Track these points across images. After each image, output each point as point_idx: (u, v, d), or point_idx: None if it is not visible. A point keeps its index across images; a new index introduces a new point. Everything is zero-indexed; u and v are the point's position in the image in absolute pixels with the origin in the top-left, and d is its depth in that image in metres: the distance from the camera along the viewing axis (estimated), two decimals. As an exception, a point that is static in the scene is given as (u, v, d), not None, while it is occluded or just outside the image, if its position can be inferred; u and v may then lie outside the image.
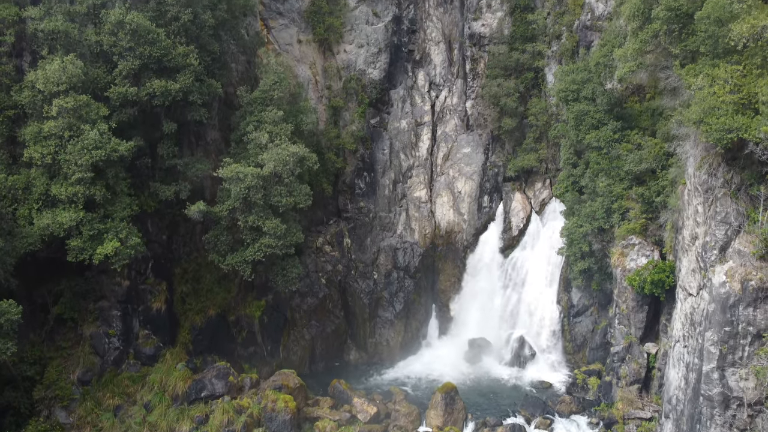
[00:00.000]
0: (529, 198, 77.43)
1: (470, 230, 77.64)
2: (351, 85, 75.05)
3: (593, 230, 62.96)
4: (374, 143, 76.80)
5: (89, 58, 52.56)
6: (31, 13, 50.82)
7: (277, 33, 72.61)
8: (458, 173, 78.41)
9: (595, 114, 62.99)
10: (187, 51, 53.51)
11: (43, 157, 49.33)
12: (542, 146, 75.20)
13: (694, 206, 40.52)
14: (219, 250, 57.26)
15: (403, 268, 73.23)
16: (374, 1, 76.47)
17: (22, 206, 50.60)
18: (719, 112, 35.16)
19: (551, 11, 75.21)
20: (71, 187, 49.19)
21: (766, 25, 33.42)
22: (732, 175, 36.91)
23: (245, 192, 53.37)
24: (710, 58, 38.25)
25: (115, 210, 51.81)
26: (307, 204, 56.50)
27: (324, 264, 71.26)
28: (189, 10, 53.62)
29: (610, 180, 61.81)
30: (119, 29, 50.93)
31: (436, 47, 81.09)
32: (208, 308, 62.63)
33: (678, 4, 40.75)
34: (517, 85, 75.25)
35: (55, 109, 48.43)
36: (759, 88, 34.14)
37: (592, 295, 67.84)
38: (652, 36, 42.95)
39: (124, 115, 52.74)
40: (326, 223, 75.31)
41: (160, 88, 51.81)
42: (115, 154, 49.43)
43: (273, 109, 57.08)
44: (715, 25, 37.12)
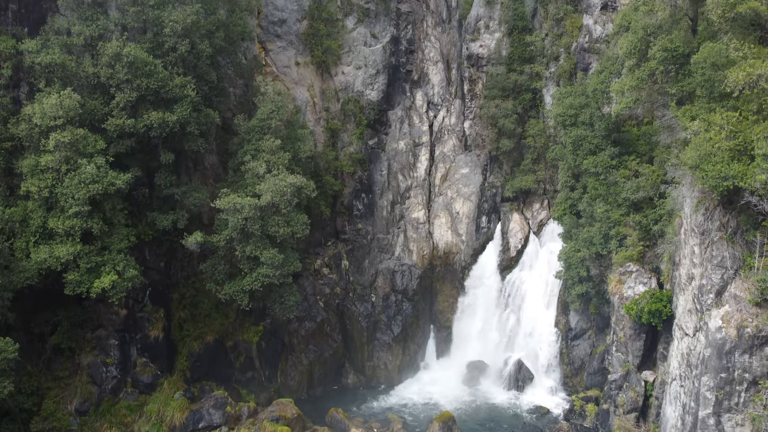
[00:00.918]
0: (527, 218, 77.47)
1: (468, 251, 77.63)
2: (349, 107, 75.06)
3: (591, 255, 62.99)
4: (372, 164, 76.80)
5: (86, 90, 52.51)
6: (28, 46, 50.77)
7: (274, 55, 72.59)
8: (456, 194, 78.40)
9: (592, 139, 63.05)
10: (184, 82, 53.48)
11: (40, 191, 49.30)
12: (540, 167, 75.27)
13: (690, 246, 40.55)
14: (216, 279, 57.25)
15: (401, 291, 73.25)
16: (372, 23, 76.47)
17: (20, 239, 50.54)
18: (715, 158, 35.18)
19: (549, 33, 75.27)
20: (68, 220, 49.16)
21: (761, 74, 33.43)
22: (728, 219, 36.94)
23: (242, 223, 53.37)
24: (706, 101, 38.27)
25: (113, 242, 51.80)
26: (304, 233, 56.52)
27: (322, 287, 71.28)
28: (186, 40, 53.59)
29: (607, 206, 61.87)
30: (116, 61, 50.90)
31: (434, 67, 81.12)
32: (206, 334, 62.63)
33: (674, 46, 40.79)
34: (515, 106, 75.28)
35: (52, 143, 48.42)
36: (755, 135, 34.15)
37: (590, 319, 67.88)
38: (649, 74, 42.98)
39: (121, 146, 52.72)
40: (324, 245, 75.33)
41: (158, 120, 51.80)
42: (112, 188, 49.43)
43: (270, 138, 57.06)
44: (711, 70, 37.14)
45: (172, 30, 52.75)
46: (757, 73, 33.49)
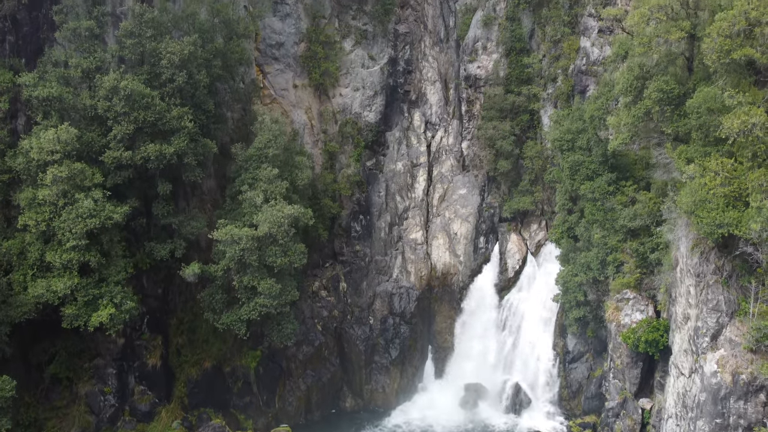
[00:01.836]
0: (524, 239, 77.54)
1: (466, 272, 77.71)
2: (347, 129, 75.16)
3: (588, 280, 63.08)
4: (370, 186, 76.88)
5: (84, 122, 52.65)
6: (25, 79, 50.90)
7: (272, 78, 72.63)
8: (454, 214, 78.48)
9: (589, 164, 63.06)
10: (181, 113, 53.59)
11: (38, 224, 49.42)
12: (538, 189, 75.34)
13: (686, 286, 40.71)
14: (214, 309, 57.37)
15: (398, 314, 73.33)
16: (370, 44, 76.54)
17: (17, 272, 50.71)
18: (710, 205, 35.31)
19: (546, 54, 75.31)
20: (66, 254, 49.31)
21: (756, 122, 33.55)
22: (723, 262, 37.08)
23: (240, 254, 53.46)
24: (702, 144, 38.39)
25: (110, 273, 51.93)
26: (302, 263, 56.67)
27: (320, 310, 71.37)
28: (184, 72, 53.70)
29: (604, 232, 61.87)
30: (114, 94, 51.02)
31: (432, 87, 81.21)
32: (203, 360, 62.77)
33: (669, 87, 40.92)
34: (512, 127, 75.31)
35: (50, 178, 48.54)
36: (750, 182, 34.27)
37: (588, 342, 67.97)
38: (645, 113, 43.08)
39: (119, 177, 52.83)
40: (322, 266, 75.40)
41: (155, 152, 51.91)
42: (109, 222, 49.56)
43: (268, 167, 57.17)
44: (707, 114, 37.27)
45: (169, 61, 52.86)
46: (752, 121, 33.62)
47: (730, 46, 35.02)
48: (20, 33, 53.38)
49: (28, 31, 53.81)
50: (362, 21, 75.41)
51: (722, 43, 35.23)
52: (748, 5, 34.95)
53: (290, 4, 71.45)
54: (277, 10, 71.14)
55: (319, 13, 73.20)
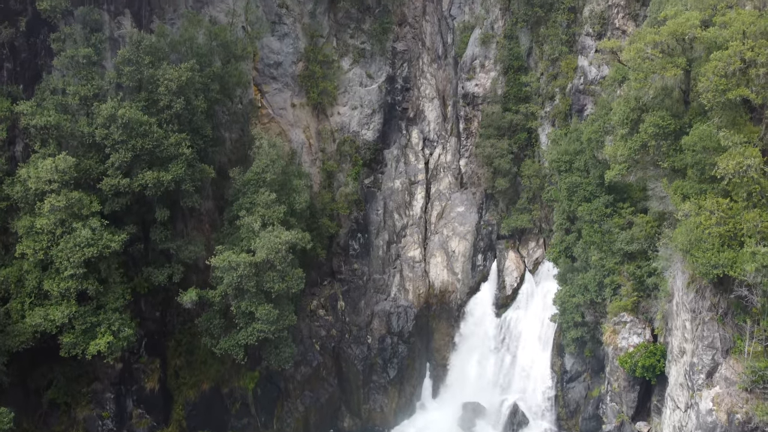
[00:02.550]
0: (522, 257, 77.65)
1: (464, 289, 77.81)
2: (345, 148, 75.27)
3: (586, 302, 63.15)
4: (368, 204, 76.96)
5: (81, 149, 52.69)
6: (22, 108, 50.93)
7: (270, 97, 72.68)
8: (452, 232, 78.57)
9: (587, 186, 63.09)
10: (179, 139, 53.65)
11: (36, 253, 49.48)
12: (536, 207, 75.44)
13: (682, 320, 40.82)
14: (212, 333, 57.46)
15: (397, 333, 73.44)
16: (368, 63, 76.60)
17: (15, 300, 50.80)
18: (705, 245, 35.41)
19: (544, 72, 75.39)
20: (63, 282, 49.38)
21: (751, 164, 33.66)
22: (719, 299, 37.21)
23: (237, 280, 53.54)
24: (697, 181, 38.48)
25: (108, 300, 52.01)
26: (299, 288, 56.73)
27: (318, 329, 71.51)
28: (181, 98, 53.74)
29: (602, 254, 61.92)
30: (111, 122, 51.06)
31: (430, 104, 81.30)
32: (201, 382, 62.90)
33: (665, 123, 41.01)
34: (510, 145, 75.40)
35: (47, 207, 48.58)
36: (745, 223, 34.37)
37: (585, 362, 68.03)
38: (641, 146, 43.18)
39: (116, 204, 52.88)
40: (320, 284, 75.50)
41: (153, 180, 51.98)
42: (107, 251, 49.60)
43: (266, 191, 57.25)
44: (702, 153, 37.37)
45: (167, 88, 52.92)
46: (747, 162, 33.73)
47: (725, 85, 35.12)
48: (18, 60, 53.39)
49: (25, 58, 53.85)
50: (360, 39, 75.50)
51: (717, 82, 35.33)
52: (743, 46, 35.04)
53: (288, 24, 71.53)
54: (275, 30, 71.22)
55: (317, 33, 73.27)
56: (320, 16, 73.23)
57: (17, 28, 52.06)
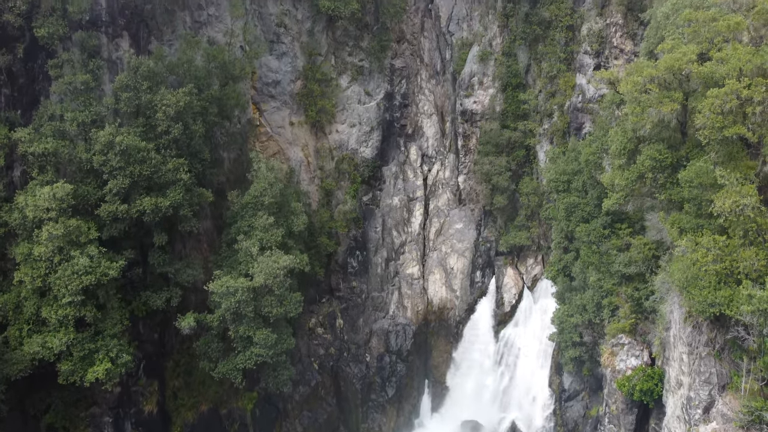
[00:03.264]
0: (521, 273, 77.72)
1: (463, 306, 77.88)
2: (343, 166, 75.30)
3: (584, 322, 63.17)
4: (366, 221, 77.00)
5: (79, 175, 52.67)
6: (20, 135, 50.90)
7: (269, 116, 72.70)
8: (450, 249, 78.61)
9: (585, 207, 63.14)
10: (177, 165, 53.67)
11: (33, 280, 49.48)
12: (534, 224, 75.47)
13: (679, 352, 40.90)
14: (210, 357, 57.50)
15: (395, 352, 73.49)
16: (366, 80, 76.61)
17: (13, 326, 50.82)
18: (702, 282, 35.45)
19: (542, 90, 75.42)
20: (61, 309, 49.36)
21: (747, 203, 33.71)
22: (716, 334, 37.25)
23: (235, 305, 53.58)
24: (694, 215, 38.52)
25: (106, 326, 52.02)
26: (297, 312, 56.76)
27: (316, 347, 71.54)
28: (179, 123, 53.73)
29: (600, 274, 61.93)
30: (109, 149, 51.07)
31: (428, 120, 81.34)
32: (200, 403, 62.95)
33: (662, 157, 41.06)
34: (508, 162, 75.44)
35: (45, 235, 48.56)
36: (741, 263, 34.42)
37: (584, 380, 68.04)
38: (638, 176, 43.21)
39: (114, 230, 52.91)
40: (319, 302, 75.51)
41: (151, 206, 52.00)
42: (105, 278, 49.59)
43: (264, 215, 57.28)
44: (699, 189, 37.40)
45: (164, 114, 52.93)
46: (743, 202, 33.78)
47: (721, 123, 35.16)
48: (16, 85, 53.38)
49: (23, 83, 53.83)
50: (358, 57, 75.51)
51: (714, 119, 35.37)
52: (740, 84, 35.07)
53: (286, 42, 71.54)
54: (274, 49, 71.24)
55: (315, 51, 73.28)
56: (318, 35, 73.25)
57: (15, 54, 52.04)
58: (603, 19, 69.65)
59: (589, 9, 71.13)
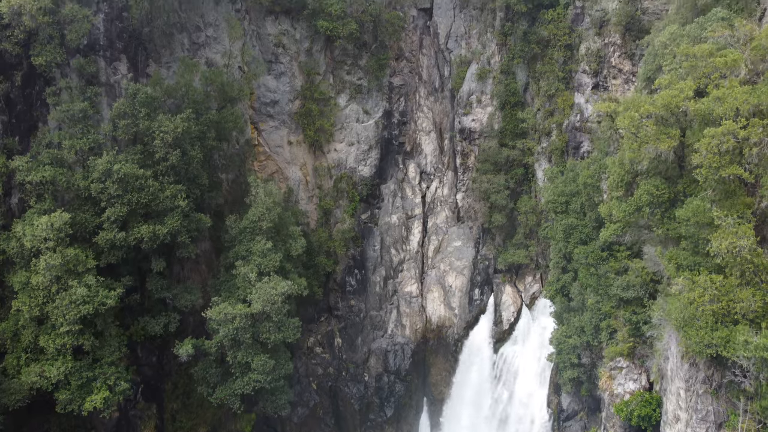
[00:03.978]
0: (519, 291, 77.74)
1: (461, 324, 77.91)
2: (341, 185, 75.29)
3: (582, 343, 63.18)
4: (365, 240, 77.03)
5: (77, 202, 52.63)
6: (18, 163, 50.86)
7: (267, 135, 72.76)
8: (449, 267, 78.64)
9: (583, 228, 63.13)
10: (175, 191, 53.64)
11: (31, 309, 49.47)
12: (532, 243, 75.46)
13: (676, 387, 40.94)
14: (208, 383, 57.48)
15: (393, 372, 73.52)
16: (365, 99, 76.60)
17: (10, 355, 50.80)
18: (699, 323, 35.48)
19: (541, 108, 75.42)
20: (59, 338, 49.37)
21: (743, 245, 33.74)
22: (713, 371, 37.26)
23: (233, 332, 53.59)
24: (691, 253, 38.54)
25: (104, 354, 52.01)
26: (296, 338, 56.77)
27: (315, 367, 71.59)
28: (177, 150, 53.71)
29: (598, 297, 61.92)
30: (107, 177, 51.05)
31: (426, 137, 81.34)
32: (198, 426, 62.94)
33: (659, 192, 41.07)
34: (507, 180, 75.47)
35: (42, 265, 48.54)
36: (738, 306, 34.46)
37: (582, 401, 68.03)
38: (635, 209, 43.22)
39: (112, 257, 52.88)
40: (317, 320, 75.58)
41: (149, 234, 51.98)
42: (103, 308, 49.58)
43: (262, 240, 57.26)
44: (695, 228, 37.41)
45: (162, 141, 52.90)
46: (740, 243, 33.82)
47: (718, 162, 35.19)
48: (13, 112, 53.31)
49: (21, 110, 53.76)
50: (357, 76, 75.51)
51: (711, 159, 35.40)
52: (736, 125, 35.09)
53: (284, 63, 71.58)
54: (272, 69, 71.30)
55: (313, 71, 73.29)
56: (317, 54, 73.25)
57: (12, 82, 52.01)
58: (601, 38, 69.60)
59: (587, 28, 71.11)
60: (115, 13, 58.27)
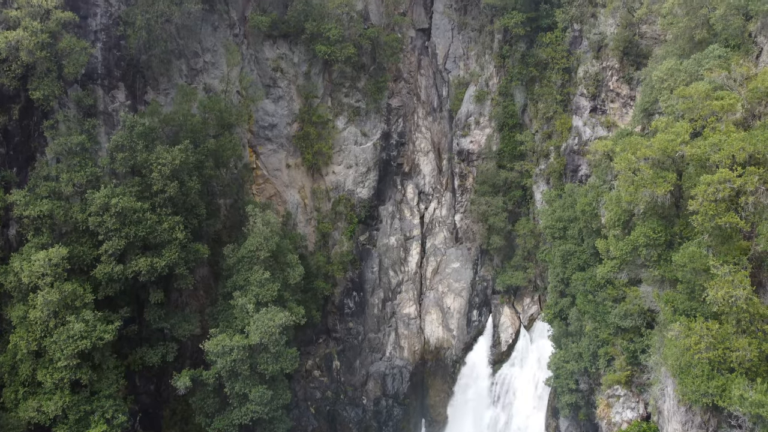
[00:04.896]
0: (518, 312, 77.79)
1: (459, 345, 77.95)
2: (340, 208, 75.27)
3: (580, 369, 63.23)
4: (363, 262, 77.01)
5: (75, 234, 52.63)
6: (15, 197, 50.88)
7: (265, 158, 72.77)
8: (447, 289, 78.66)
9: (581, 255, 63.11)
10: (173, 224, 53.64)
11: (29, 343, 49.49)
12: (530, 265, 75.45)
13: (673, 427, 40.98)
14: (206, 412, 57.50)
15: (392, 396, 73.53)
16: (363, 121, 76.57)
17: (8, 388, 50.84)
18: (695, 371, 35.54)
19: (539, 130, 75.44)
20: (57, 372, 49.39)
21: (740, 295, 33.79)
22: (709, 417, 37.31)
23: (231, 364, 53.62)
24: (687, 297, 38.60)
25: (102, 387, 52.02)
26: (293, 368, 56.79)
27: (313, 391, 71.62)
28: (175, 182, 53.71)
29: (596, 323, 61.94)
30: (104, 211, 51.04)
31: (425, 157, 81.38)
32: (196, 452, 62.86)
33: (656, 235, 41.12)
34: (505, 203, 75.48)
35: (40, 300, 48.54)
36: (734, 351, 34.50)
37: (580, 425, 67.99)
38: (632, 249, 43.27)
39: (110, 290, 52.92)
40: (315, 342, 75.57)
41: (146, 266, 52.00)
42: (100, 342, 49.60)
43: (259, 269, 57.28)
44: (692, 274, 37.45)
45: (160, 173, 52.90)
46: (736, 293, 33.86)
47: (714, 211, 35.23)
48: (11, 144, 53.32)
49: (19, 141, 53.76)
50: (355, 98, 75.48)
51: (707, 207, 35.44)
52: (733, 173, 35.13)
53: (283, 87, 71.59)
54: (270, 93, 71.32)
55: (311, 94, 73.26)
56: (315, 77, 73.24)
57: (10, 115, 51.98)
58: (599, 62, 69.63)
59: (585, 52, 71.13)
60: (112, 42, 58.32)
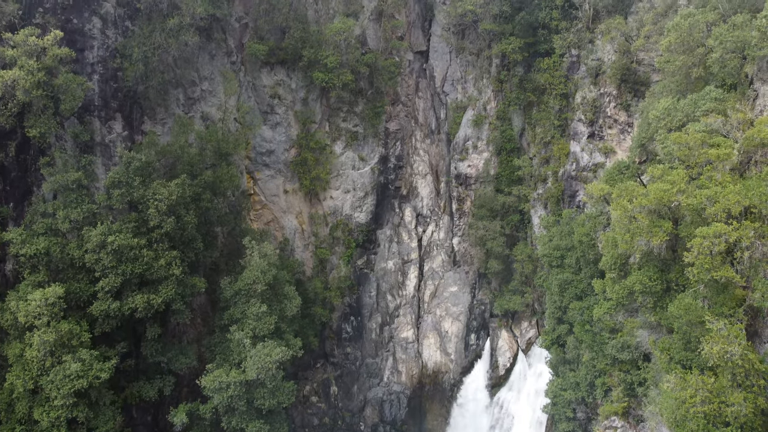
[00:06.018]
0: (515, 336, 77.75)
1: (457, 369, 77.95)
2: (337, 233, 75.23)
3: (577, 398, 63.27)
4: (361, 286, 76.97)
5: (71, 272, 52.56)
6: (12, 236, 50.84)
7: (263, 184, 72.69)
8: (445, 312, 78.64)
9: (578, 284, 63.10)
10: (170, 259, 53.57)
11: (25, 382, 49.45)
12: (528, 289, 75.44)
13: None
14: (203, 446, 57.58)
15: (389, 422, 73.56)
16: (360, 145, 76.50)
17: (4, 426, 50.76)
18: (690, 425, 35.54)
19: (536, 155, 75.42)
20: (54, 411, 49.34)
21: (735, 352, 33.80)
22: (705, 466, 37.31)
23: (228, 400, 53.60)
24: (682, 347, 38.61)
25: (98, 424, 51.95)
26: (290, 402, 56.75)
27: (311, 417, 71.61)
28: (172, 217, 53.64)
29: (593, 353, 61.99)
30: (101, 248, 50.99)
31: (423, 180, 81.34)
32: (194, 483, 62.82)
33: (652, 283, 41.11)
34: (503, 227, 75.45)
35: (36, 340, 48.48)
36: (729, 406, 34.50)
37: (578, 453, 68.10)
38: (628, 293, 43.28)
39: (107, 326, 52.87)
40: (313, 367, 75.54)
41: (143, 303, 51.97)
42: (97, 381, 49.55)
43: (256, 303, 57.20)
44: (687, 326, 37.45)
45: (156, 209, 52.83)
46: (730, 349, 33.88)
47: (710, 264, 35.23)
48: (7, 180, 53.24)
49: (15, 177, 53.67)
50: (353, 122, 75.42)
51: (703, 260, 35.44)
52: (728, 228, 35.11)
53: (280, 113, 71.51)
54: (268, 120, 71.22)
55: (309, 119, 73.17)
56: (312, 103, 73.15)
57: (6, 152, 51.90)
58: (597, 88, 69.63)
59: (582, 77, 71.11)
60: (109, 74, 58.24)
